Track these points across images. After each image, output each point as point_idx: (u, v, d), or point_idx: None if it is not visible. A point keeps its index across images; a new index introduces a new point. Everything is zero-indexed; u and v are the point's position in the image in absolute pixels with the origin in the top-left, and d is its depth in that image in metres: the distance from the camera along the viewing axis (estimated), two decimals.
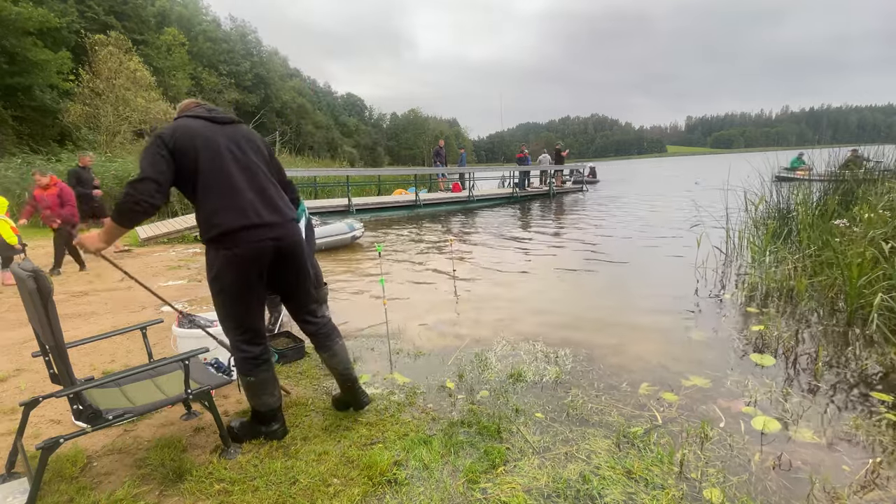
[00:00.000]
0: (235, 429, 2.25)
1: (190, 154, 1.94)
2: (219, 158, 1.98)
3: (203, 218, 1.98)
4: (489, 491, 1.87)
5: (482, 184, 19.12)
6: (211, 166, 1.96)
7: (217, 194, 1.96)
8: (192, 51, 34.60)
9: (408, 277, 5.92)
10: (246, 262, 1.98)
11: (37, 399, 1.99)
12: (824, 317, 3.83)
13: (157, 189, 1.86)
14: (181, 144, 1.93)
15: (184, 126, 1.99)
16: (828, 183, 5.86)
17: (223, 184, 1.97)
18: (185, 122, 2.02)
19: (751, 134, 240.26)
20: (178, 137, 1.93)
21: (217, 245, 1.97)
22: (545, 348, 3.40)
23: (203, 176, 1.96)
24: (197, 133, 1.98)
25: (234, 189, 1.98)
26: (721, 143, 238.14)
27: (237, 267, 1.97)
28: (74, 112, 17.37)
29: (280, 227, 2.06)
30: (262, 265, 2.03)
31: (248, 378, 2.14)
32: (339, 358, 2.37)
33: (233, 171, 2.00)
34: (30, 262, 1.78)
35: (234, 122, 2.15)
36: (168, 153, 1.90)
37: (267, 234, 2.01)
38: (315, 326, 2.35)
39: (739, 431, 2.29)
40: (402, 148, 66.46)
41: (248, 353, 2.12)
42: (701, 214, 8.67)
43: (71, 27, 22.14)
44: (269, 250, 2.03)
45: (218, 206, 1.96)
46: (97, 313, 4.52)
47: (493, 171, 22.79)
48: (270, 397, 2.19)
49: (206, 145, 1.97)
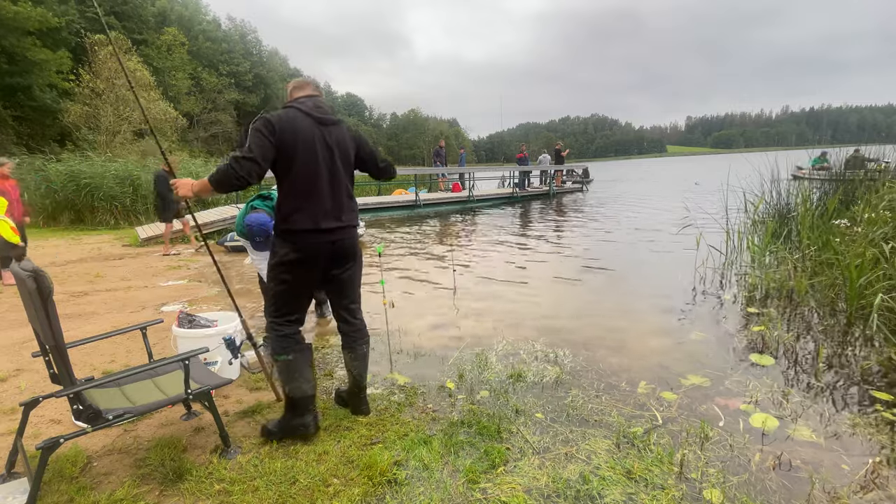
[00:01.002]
0: (270, 428, 2.26)
1: (289, 151, 2.05)
2: (313, 164, 2.11)
3: (282, 211, 2.12)
4: (489, 491, 1.87)
5: (482, 184, 19.11)
6: (305, 170, 2.08)
7: (302, 196, 2.10)
8: (192, 51, 34.61)
9: (408, 277, 5.92)
10: (305, 260, 2.14)
11: (37, 399, 1.99)
12: (824, 317, 3.83)
13: (258, 171, 1.97)
14: (284, 138, 2.03)
15: (291, 119, 2.08)
16: (829, 183, 5.87)
17: (309, 189, 2.10)
18: (293, 115, 2.09)
19: (751, 134, 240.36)
20: (284, 129, 2.03)
21: (284, 238, 2.13)
22: (545, 348, 3.40)
23: (294, 175, 2.08)
24: (300, 131, 2.08)
25: (317, 196, 2.12)
26: (721, 143, 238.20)
27: (297, 262, 2.13)
28: (74, 112, 17.39)
29: (340, 231, 2.20)
30: (318, 263, 2.18)
31: (284, 357, 2.17)
32: (359, 362, 2.44)
33: (321, 177, 2.13)
34: (30, 262, 1.78)
35: (337, 123, 2.23)
36: (274, 141, 2.01)
37: (327, 238, 2.16)
38: (351, 326, 2.44)
39: (739, 431, 2.29)
40: (402, 148, 66.47)
41: (285, 332, 2.19)
42: (700, 215, 8.67)
43: (71, 27, 22.15)
44: (327, 251, 2.18)
45: (297, 206, 2.09)
46: (97, 313, 4.52)
47: (493, 171, 22.78)
48: (306, 383, 2.22)
49: (305, 147, 2.08)
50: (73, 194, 11.60)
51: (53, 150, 15.39)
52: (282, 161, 2.06)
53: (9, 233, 5.65)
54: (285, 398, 2.26)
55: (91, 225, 11.64)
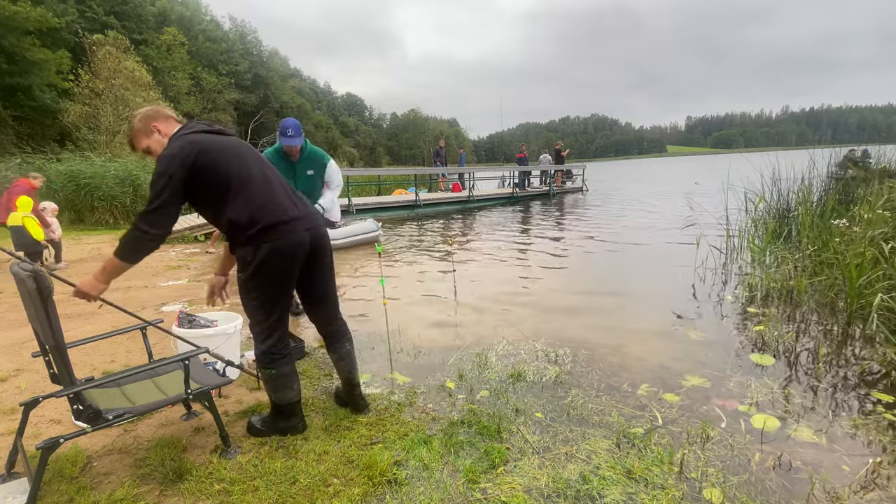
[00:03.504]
0: (256, 424, 2.28)
1: (218, 163, 1.97)
2: (245, 164, 2.05)
3: (243, 218, 1.99)
4: (489, 491, 1.87)
5: (482, 184, 19.11)
6: (240, 172, 2.01)
7: (254, 194, 2.01)
8: (192, 50, 34.60)
9: (408, 277, 5.92)
10: (287, 253, 2.04)
11: (37, 399, 1.98)
12: (824, 317, 3.83)
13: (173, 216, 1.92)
14: (203, 160, 1.93)
15: (197, 141, 1.98)
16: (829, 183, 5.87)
17: (257, 184, 2.03)
18: (196, 139, 2.00)
19: (751, 134, 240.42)
20: (198, 154, 1.93)
21: (258, 240, 2.00)
22: (545, 348, 3.40)
23: (235, 181, 2.00)
24: (217, 145, 2.01)
25: (269, 187, 2.06)
26: (721, 143, 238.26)
27: (279, 258, 2.03)
28: (74, 112, 17.36)
29: (310, 218, 2.14)
30: (299, 257, 2.09)
31: (269, 371, 2.17)
32: (345, 361, 2.43)
33: (260, 172, 2.07)
34: (30, 262, 1.78)
35: (232, 135, 2.19)
36: (185, 174, 1.90)
37: (303, 226, 2.08)
38: (332, 326, 2.41)
39: (740, 431, 2.29)
40: (402, 148, 66.46)
41: (271, 346, 2.15)
42: (701, 215, 8.67)
43: (71, 27, 22.14)
44: (307, 241, 2.09)
45: (257, 204, 2.00)
46: (97, 313, 4.52)
47: (493, 171, 22.78)
48: (290, 391, 2.22)
49: (228, 153, 2.02)
50: (73, 194, 11.58)
51: (53, 150, 15.38)
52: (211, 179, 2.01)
53: (36, 229, 5.96)
54: (271, 403, 2.28)
55: (91, 225, 11.63)
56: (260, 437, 2.25)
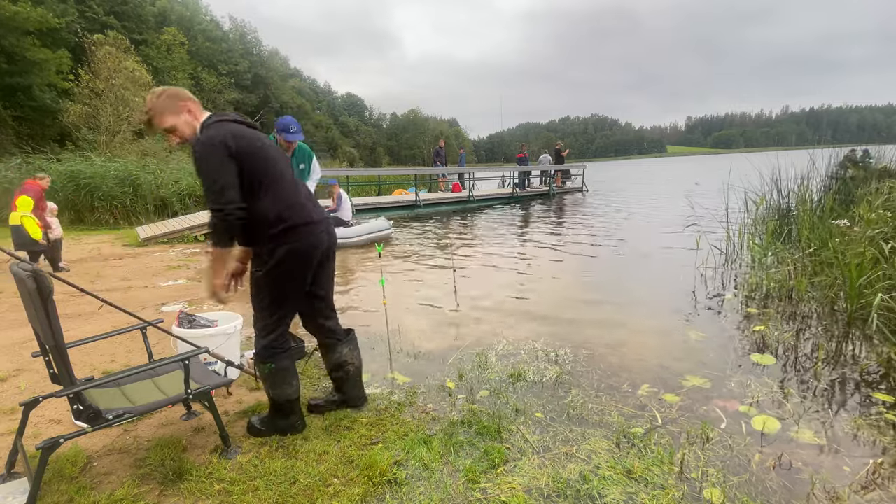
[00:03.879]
0: (255, 424, 2.29)
1: (256, 155, 1.99)
2: (275, 161, 2.09)
3: (272, 214, 2.02)
4: (489, 491, 1.87)
5: (482, 184, 19.10)
6: (274, 168, 2.06)
7: (284, 193, 2.06)
8: (192, 50, 34.58)
9: (408, 277, 5.92)
10: (305, 255, 2.11)
11: (37, 399, 1.98)
12: (824, 317, 3.83)
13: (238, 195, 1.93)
14: (242, 146, 1.95)
15: (236, 129, 2.00)
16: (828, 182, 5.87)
17: (286, 183, 2.09)
18: (234, 127, 2.01)
19: (751, 134, 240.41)
20: (237, 140, 1.94)
21: (278, 241, 2.04)
22: (545, 348, 3.40)
23: (269, 176, 2.03)
24: (252, 136, 2.03)
25: (294, 189, 2.13)
26: (721, 143, 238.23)
27: (296, 259, 2.09)
28: (74, 112, 17.35)
29: (326, 221, 2.22)
30: (315, 259, 2.15)
31: (268, 365, 2.18)
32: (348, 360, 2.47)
33: (288, 171, 2.15)
34: (29, 262, 1.78)
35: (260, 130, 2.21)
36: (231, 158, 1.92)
37: (321, 229, 2.16)
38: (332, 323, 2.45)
39: (740, 432, 2.29)
40: (402, 148, 66.44)
41: (272, 340, 2.17)
42: (700, 215, 8.67)
43: (71, 27, 22.13)
44: (325, 244, 2.17)
45: (286, 203, 2.06)
46: (97, 313, 4.52)
47: (493, 171, 22.77)
48: (289, 387, 2.23)
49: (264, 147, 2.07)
50: (73, 194, 11.59)
51: (53, 150, 15.37)
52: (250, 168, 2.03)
53: (34, 229, 5.97)
54: (270, 401, 2.29)
55: (90, 225, 11.64)
56: (260, 437, 2.26)
